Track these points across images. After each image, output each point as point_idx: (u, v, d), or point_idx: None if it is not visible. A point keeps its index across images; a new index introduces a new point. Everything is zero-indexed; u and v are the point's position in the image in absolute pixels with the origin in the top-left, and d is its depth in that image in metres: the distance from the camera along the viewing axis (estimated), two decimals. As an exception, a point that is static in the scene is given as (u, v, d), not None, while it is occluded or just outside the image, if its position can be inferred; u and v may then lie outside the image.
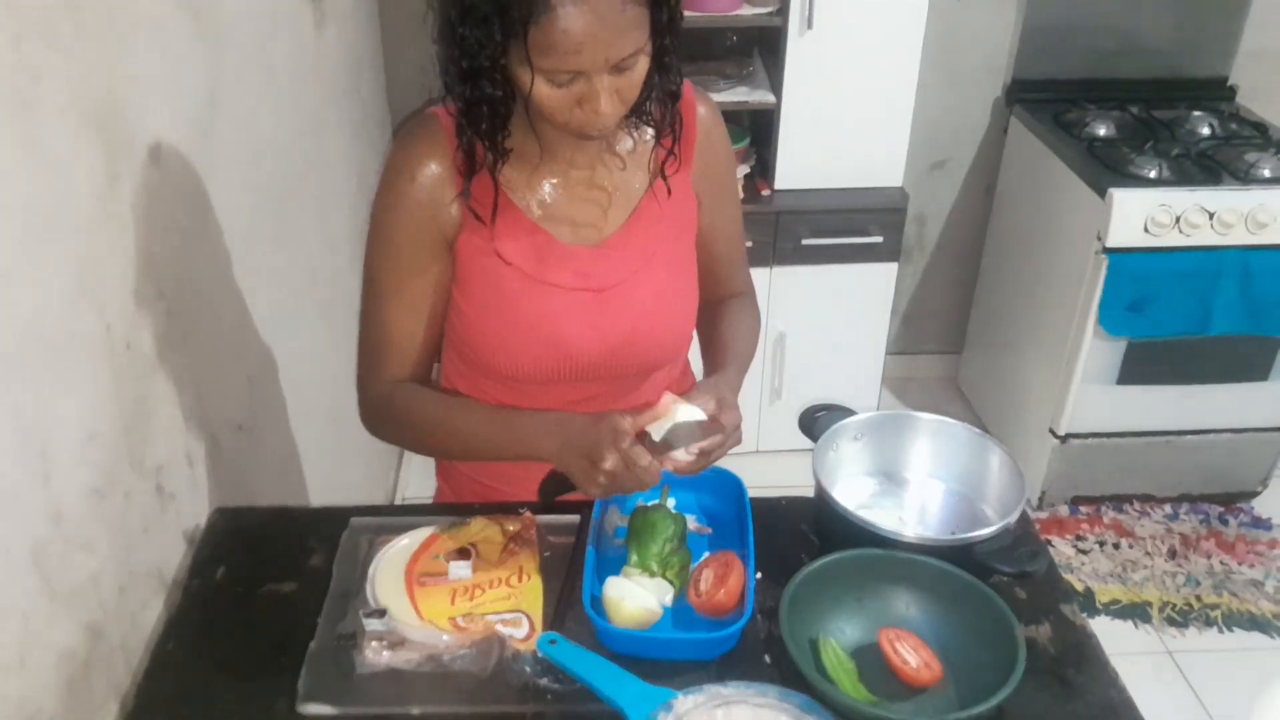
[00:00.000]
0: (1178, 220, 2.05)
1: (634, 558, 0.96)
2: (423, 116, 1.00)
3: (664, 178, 1.02)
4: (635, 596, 0.92)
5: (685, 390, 0.97)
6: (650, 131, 1.02)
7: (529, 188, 1.00)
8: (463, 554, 0.98)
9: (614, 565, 0.98)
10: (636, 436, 0.90)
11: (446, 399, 1.08)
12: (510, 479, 1.14)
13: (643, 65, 0.88)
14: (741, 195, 2.25)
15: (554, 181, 1.01)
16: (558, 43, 0.82)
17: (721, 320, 1.13)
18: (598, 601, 0.93)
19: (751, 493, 1.04)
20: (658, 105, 0.97)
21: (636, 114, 0.96)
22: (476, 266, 1.01)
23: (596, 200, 1.02)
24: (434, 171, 0.97)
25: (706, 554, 1.00)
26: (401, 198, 0.98)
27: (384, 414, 1.05)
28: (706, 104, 1.06)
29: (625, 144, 1.03)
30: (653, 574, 0.95)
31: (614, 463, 0.88)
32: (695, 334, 1.15)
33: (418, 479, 2.43)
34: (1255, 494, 2.43)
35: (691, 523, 1.04)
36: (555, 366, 1.03)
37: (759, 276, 2.33)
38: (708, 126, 1.05)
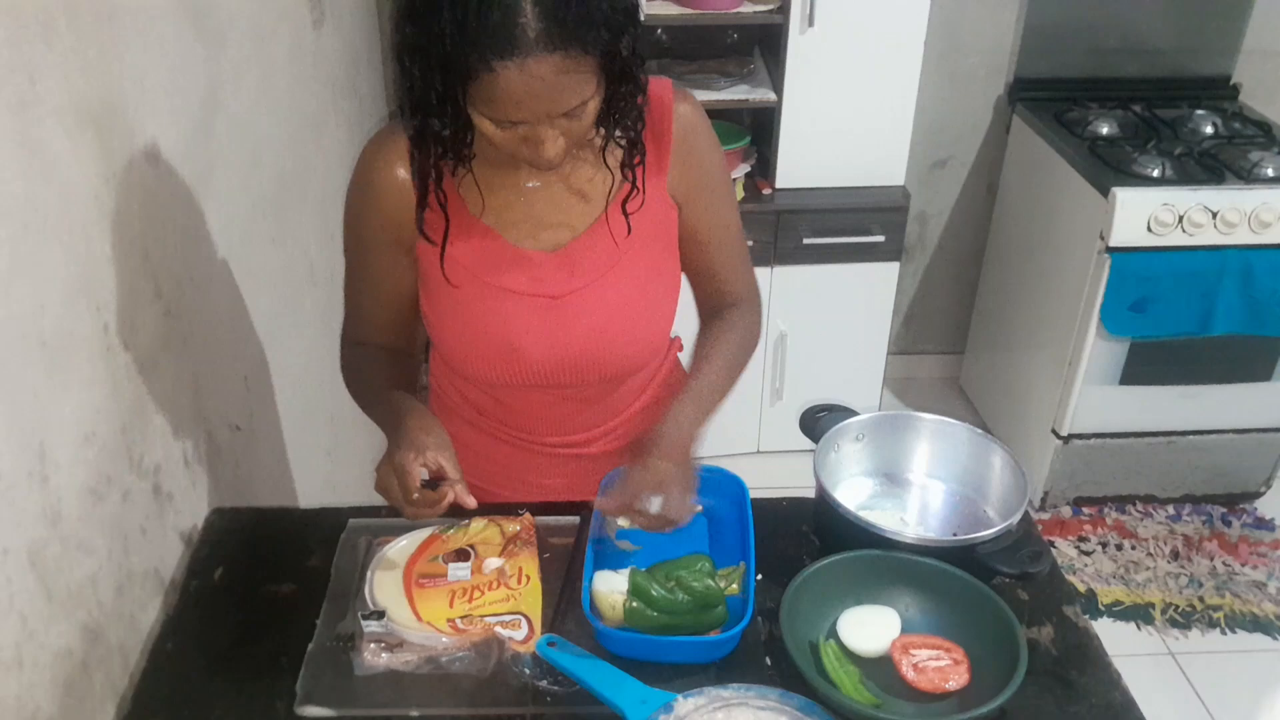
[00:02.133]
0: (1180, 220, 2.04)
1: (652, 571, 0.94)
2: (391, 122, 1.00)
3: (625, 214, 0.99)
4: (614, 584, 0.92)
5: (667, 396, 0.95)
6: (615, 136, 0.97)
7: (488, 191, 0.98)
8: (461, 555, 0.98)
9: (614, 567, 0.97)
10: (434, 474, 0.89)
11: (377, 365, 1.07)
12: (501, 481, 1.14)
13: (592, 107, 0.87)
14: (742, 194, 2.27)
15: (514, 186, 0.99)
16: (498, 99, 0.82)
17: (703, 341, 1.08)
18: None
19: (752, 493, 1.04)
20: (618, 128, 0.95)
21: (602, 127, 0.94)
22: (434, 270, 1.00)
23: (559, 205, 1.00)
24: (395, 179, 0.98)
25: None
26: (362, 203, 1.01)
27: (344, 368, 1.10)
28: (688, 102, 1.01)
29: (594, 143, 0.99)
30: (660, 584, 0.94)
31: (384, 469, 0.90)
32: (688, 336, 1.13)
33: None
34: (1258, 495, 2.42)
35: None
36: (511, 372, 1.02)
37: (760, 276, 2.34)
38: (688, 126, 1.00)
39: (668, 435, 0.96)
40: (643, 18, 2.02)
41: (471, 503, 0.90)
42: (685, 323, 1.12)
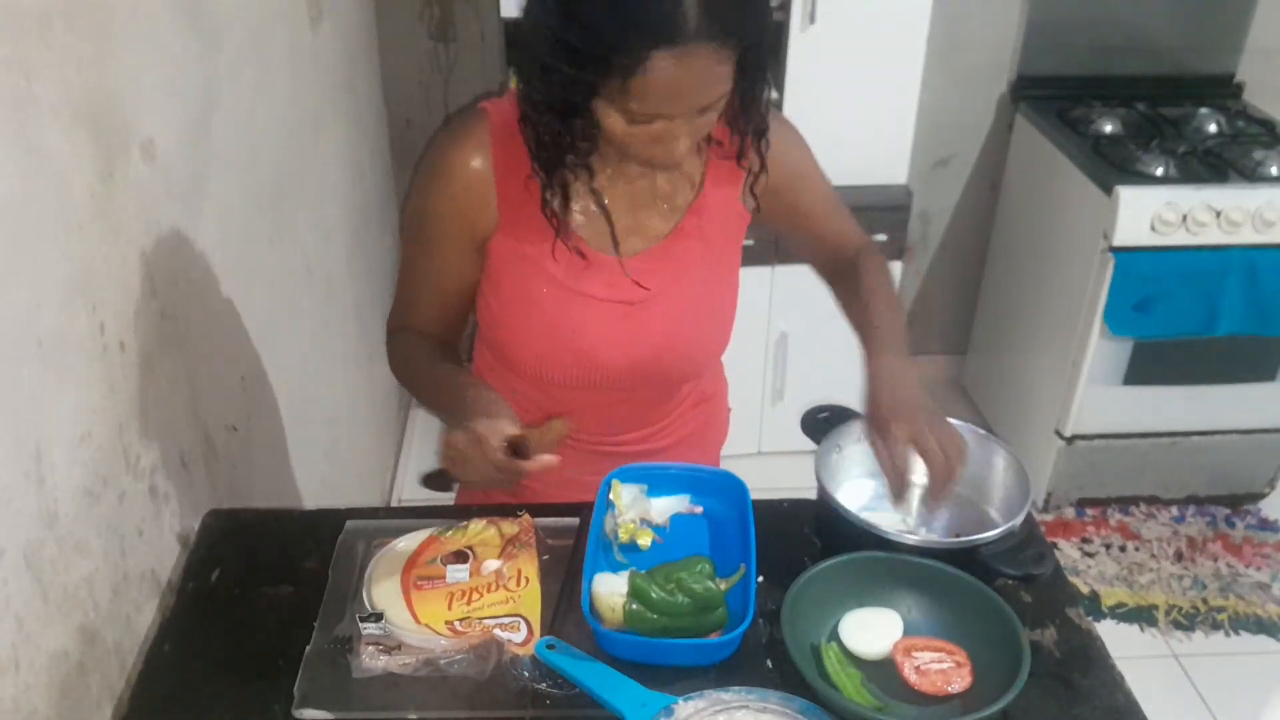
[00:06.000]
0: (1184, 219, 2.03)
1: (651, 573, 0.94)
2: (472, 111, 0.99)
3: (754, 197, 1.01)
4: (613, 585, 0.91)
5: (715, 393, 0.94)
6: (700, 145, 0.99)
7: (575, 194, 0.98)
8: (460, 557, 0.97)
9: (614, 569, 0.96)
10: (511, 442, 0.87)
11: (434, 352, 1.06)
12: (539, 475, 1.13)
13: (721, 104, 0.88)
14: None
15: (601, 190, 1.00)
16: (652, 93, 0.82)
17: (852, 292, 1.08)
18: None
19: (754, 495, 1.03)
20: (731, 131, 0.96)
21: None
22: (510, 268, 1.00)
23: (641, 211, 1.01)
24: (475, 170, 0.96)
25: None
26: (437, 195, 0.99)
27: (392, 354, 1.08)
28: (775, 118, 1.03)
29: None
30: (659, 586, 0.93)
31: (458, 437, 0.87)
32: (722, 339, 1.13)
33: (414, 481, 2.42)
34: (1262, 495, 2.41)
35: (683, 504, 1.03)
36: (580, 374, 1.03)
37: (760, 275, 2.35)
38: (776, 142, 1.02)
39: (890, 399, 0.94)
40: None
41: (555, 461, 0.89)
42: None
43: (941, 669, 0.88)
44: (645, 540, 1.00)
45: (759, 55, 0.87)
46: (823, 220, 1.13)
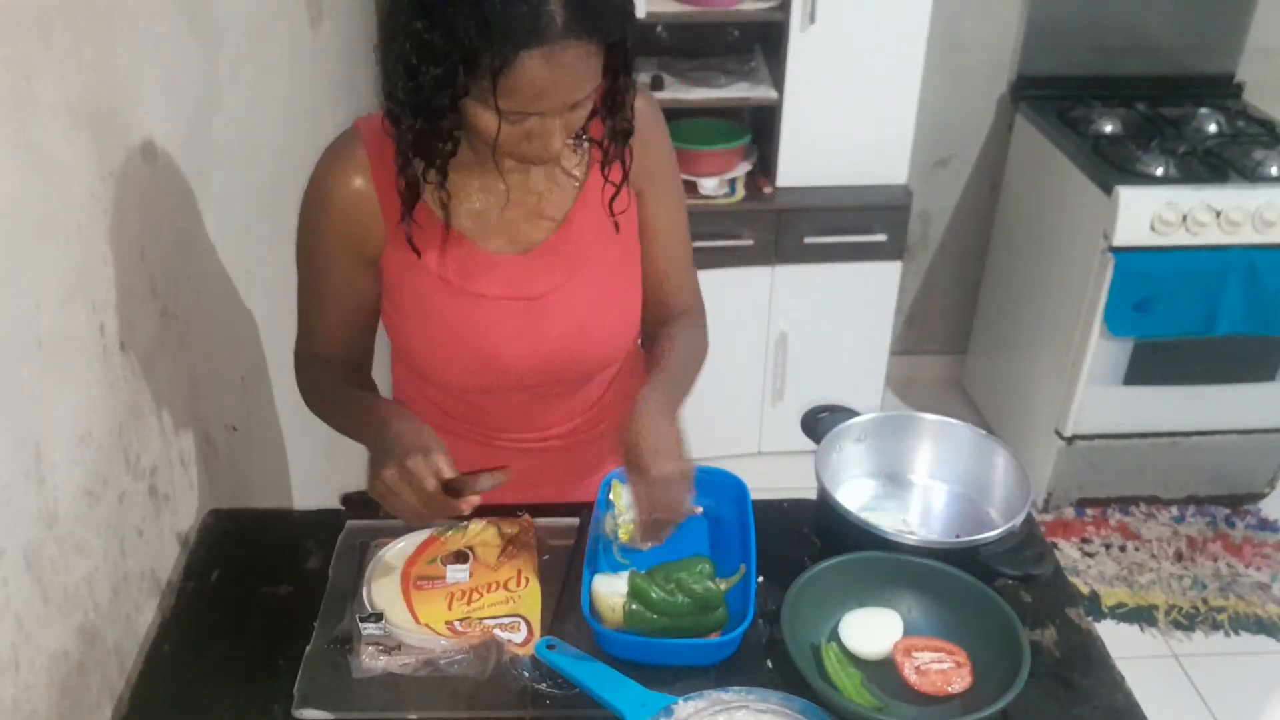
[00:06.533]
0: (1184, 219, 2.03)
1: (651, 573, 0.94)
2: (346, 131, 0.98)
3: (612, 214, 0.99)
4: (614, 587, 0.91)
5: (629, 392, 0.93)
6: (581, 134, 0.97)
7: (456, 196, 0.96)
8: (460, 557, 0.97)
9: (614, 569, 0.96)
10: (446, 482, 0.85)
11: (341, 380, 1.04)
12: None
13: (591, 99, 0.88)
14: (743, 193, 2.26)
15: (482, 189, 0.98)
16: (522, 90, 0.82)
17: (660, 344, 1.05)
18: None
19: (754, 495, 1.03)
20: (599, 128, 0.94)
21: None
22: (404, 277, 0.99)
23: (527, 206, 1.00)
24: (356, 189, 0.95)
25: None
26: (320, 217, 0.97)
27: (301, 385, 1.06)
28: (644, 99, 1.01)
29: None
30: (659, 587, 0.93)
31: (391, 474, 0.85)
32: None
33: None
34: (1262, 495, 2.41)
35: None
36: (487, 376, 1.02)
37: (761, 275, 2.35)
38: (644, 121, 1.00)
39: (651, 436, 0.91)
40: (644, 15, 2.02)
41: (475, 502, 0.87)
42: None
43: (941, 669, 0.88)
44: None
45: (625, 51, 0.87)
46: (664, 251, 1.06)
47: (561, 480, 1.11)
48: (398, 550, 0.99)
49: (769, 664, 0.91)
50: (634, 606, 0.90)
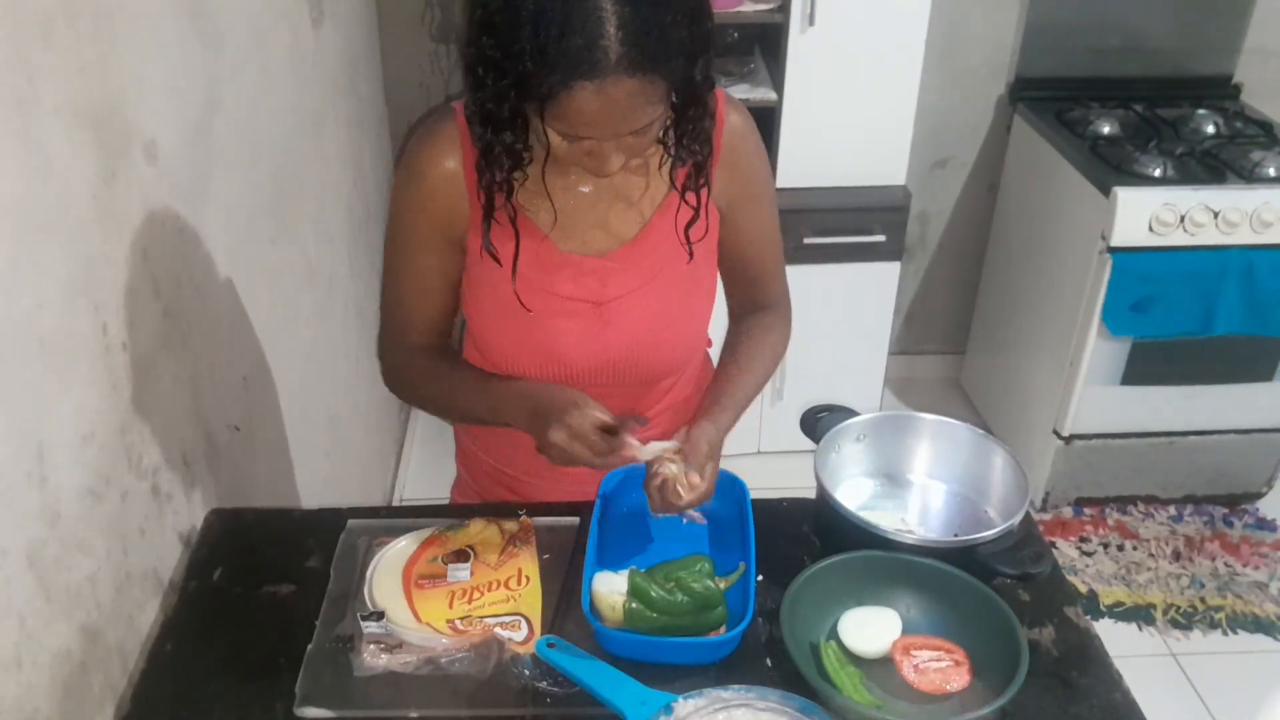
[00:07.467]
0: (1182, 219, 2.04)
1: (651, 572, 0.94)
2: (441, 111, 0.99)
3: (688, 240, 1.00)
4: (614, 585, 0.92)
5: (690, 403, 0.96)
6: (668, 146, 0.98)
7: (539, 194, 0.98)
8: (461, 556, 0.98)
9: (614, 568, 0.97)
10: (604, 428, 0.92)
11: (446, 364, 1.07)
12: (533, 470, 1.13)
13: (656, 126, 0.88)
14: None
15: (566, 189, 1.00)
16: (571, 117, 0.83)
17: (740, 345, 1.10)
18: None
19: (753, 494, 1.04)
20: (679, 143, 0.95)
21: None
22: (480, 268, 1.01)
23: (609, 210, 1.01)
24: (446, 170, 0.97)
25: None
26: (412, 196, 1.00)
27: (395, 375, 1.09)
28: (738, 112, 1.02)
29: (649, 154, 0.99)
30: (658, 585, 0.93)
31: (559, 435, 0.91)
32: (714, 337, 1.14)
33: (415, 480, 2.42)
34: (1260, 495, 2.42)
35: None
36: (551, 374, 1.03)
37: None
38: (737, 137, 1.02)
39: (708, 439, 0.97)
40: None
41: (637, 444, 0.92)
42: (716, 321, 1.13)
43: (940, 667, 0.89)
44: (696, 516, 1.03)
45: (695, 85, 0.87)
46: (756, 259, 1.10)
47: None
48: (399, 549, 0.99)
49: (768, 662, 0.91)
50: (634, 605, 0.91)
